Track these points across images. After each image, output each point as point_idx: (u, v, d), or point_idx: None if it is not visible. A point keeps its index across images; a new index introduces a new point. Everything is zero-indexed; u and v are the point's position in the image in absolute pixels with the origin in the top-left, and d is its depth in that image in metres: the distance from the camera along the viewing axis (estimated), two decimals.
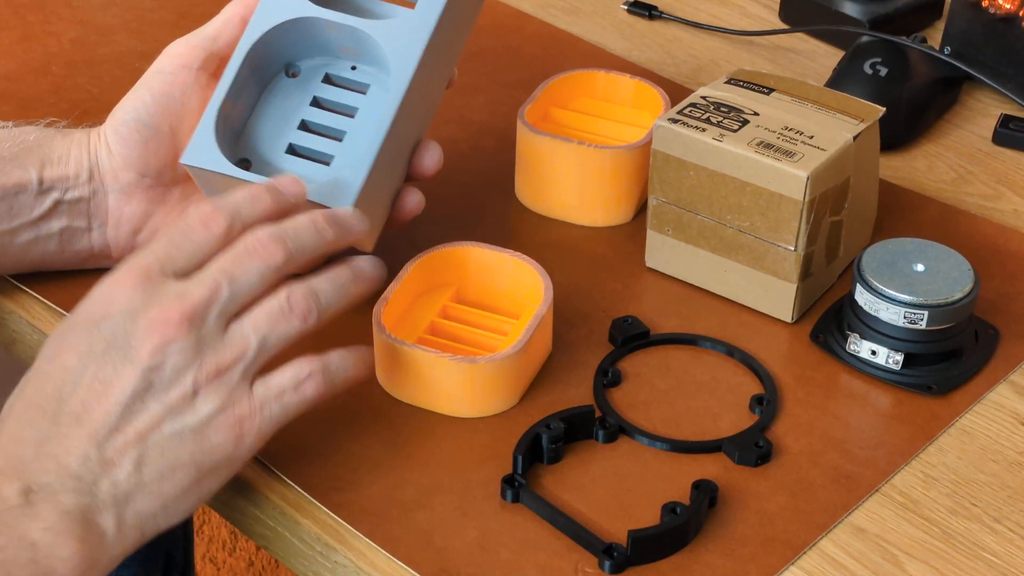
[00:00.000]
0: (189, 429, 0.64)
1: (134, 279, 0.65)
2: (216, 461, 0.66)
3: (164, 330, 0.64)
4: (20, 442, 0.63)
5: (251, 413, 0.66)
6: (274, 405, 0.67)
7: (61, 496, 0.62)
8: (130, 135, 0.78)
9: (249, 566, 1.76)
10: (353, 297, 0.70)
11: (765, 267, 0.81)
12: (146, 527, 0.65)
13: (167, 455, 0.64)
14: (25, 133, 0.80)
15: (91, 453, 0.63)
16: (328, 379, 0.68)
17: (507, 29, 1.09)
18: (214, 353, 0.65)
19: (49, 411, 0.64)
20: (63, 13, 1.09)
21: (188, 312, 0.65)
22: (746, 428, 0.75)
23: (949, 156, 0.98)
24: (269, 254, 0.67)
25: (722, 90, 0.84)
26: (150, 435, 0.64)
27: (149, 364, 0.64)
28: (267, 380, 0.67)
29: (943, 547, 0.70)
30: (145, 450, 0.64)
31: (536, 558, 0.68)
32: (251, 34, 0.77)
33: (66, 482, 0.62)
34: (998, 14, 1.01)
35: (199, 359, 0.65)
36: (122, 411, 0.64)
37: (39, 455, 0.63)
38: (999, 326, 0.82)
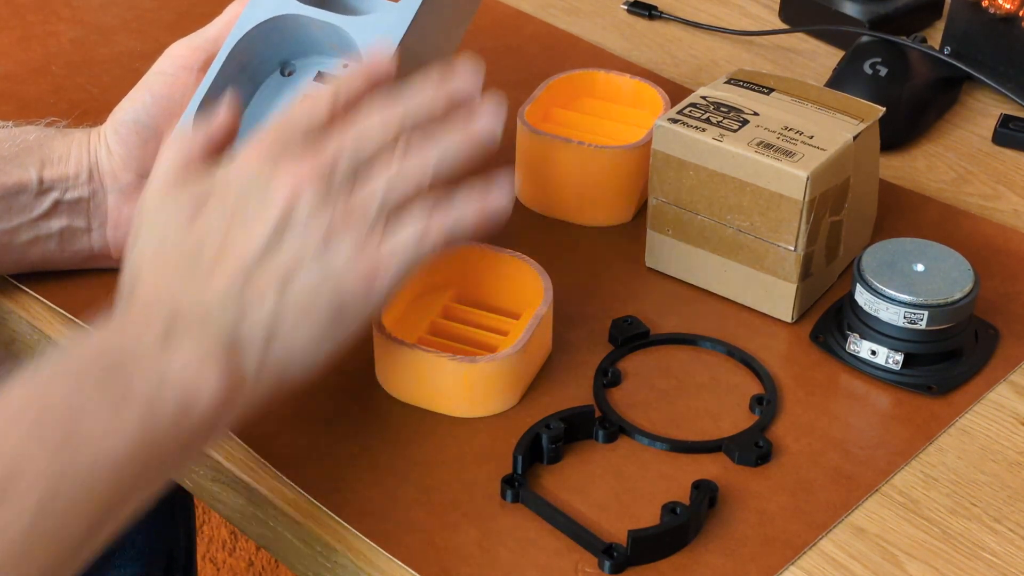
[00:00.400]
0: (324, 272, 0.66)
1: (261, 149, 0.67)
2: (350, 307, 0.66)
3: (298, 178, 0.66)
4: (163, 284, 0.65)
5: (381, 263, 0.67)
6: (401, 256, 0.67)
7: (203, 334, 0.64)
8: (129, 136, 0.78)
9: (249, 566, 1.76)
10: (467, 157, 0.70)
11: (765, 267, 0.81)
12: (285, 370, 0.66)
13: (305, 296, 0.65)
14: (25, 133, 0.80)
15: (232, 292, 0.65)
16: (451, 229, 0.69)
17: (507, 29, 1.09)
18: (344, 203, 0.66)
19: (190, 259, 0.65)
20: (63, 13, 1.09)
21: (319, 163, 0.66)
22: (746, 428, 0.75)
23: (949, 156, 0.98)
24: (386, 123, 0.69)
25: (722, 90, 0.84)
26: (289, 277, 0.65)
27: (283, 210, 0.65)
28: (392, 233, 0.68)
29: (943, 547, 0.70)
30: (284, 290, 0.65)
31: (536, 558, 0.68)
32: (236, 33, 0.77)
33: (208, 320, 0.64)
34: (998, 14, 1.01)
35: (332, 205, 0.66)
36: (261, 252, 0.65)
37: (183, 292, 0.65)
38: (999, 326, 0.82)
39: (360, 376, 0.77)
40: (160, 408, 0.61)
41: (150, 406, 0.61)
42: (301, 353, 0.66)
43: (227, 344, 0.64)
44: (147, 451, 0.61)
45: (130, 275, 0.67)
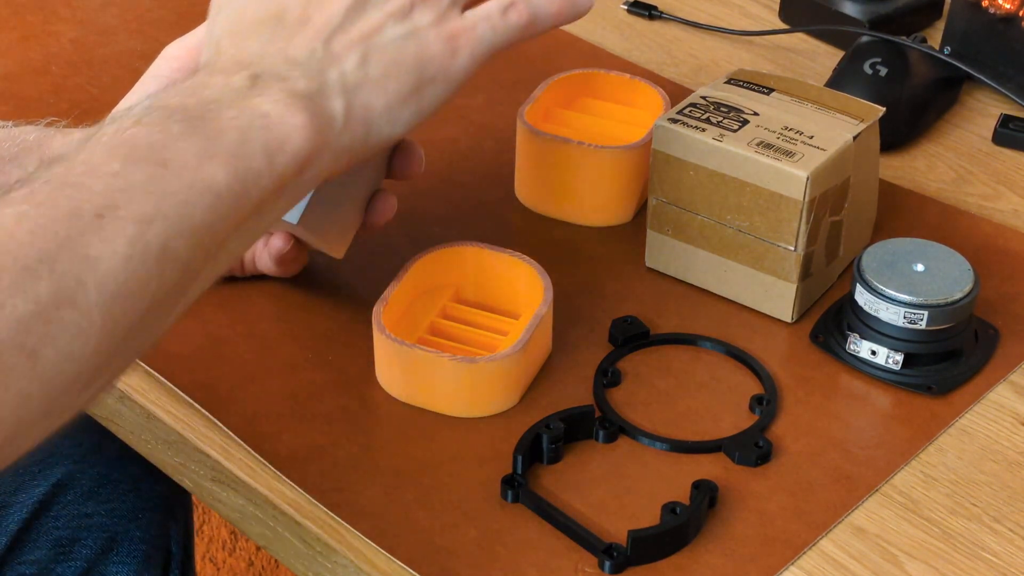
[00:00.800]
0: (409, 33, 0.67)
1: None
2: (434, 70, 0.68)
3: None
4: (246, 45, 0.66)
5: (464, 29, 0.68)
6: (484, 26, 0.69)
7: (290, 79, 0.64)
8: None
9: (249, 566, 1.76)
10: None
11: (765, 267, 0.81)
12: (372, 125, 0.67)
13: (390, 54, 0.67)
14: (25, 133, 0.80)
15: (317, 48, 0.66)
16: (532, 11, 0.70)
17: None
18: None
19: (273, 22, 0.67)
20: (63, 13, 1.09)
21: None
22: (746, 428, 0.75)
23: (949, 156, 0.98)
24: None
25: (722, 90, 0.84)
26: (373, 36, 0.67)
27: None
28: (476, 7, 0.69)
29: (943, 547, 0.70)
30: (369, 48, 0.67)
31: (536, 558, 0.68)
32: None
33: (294, 69, 0.65)
34: (998, 14, 1.01)
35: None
36: (344, 14, 0.67)
37: (265, 51, 0.66)
38: (999, 326, 0.82)
39: (360, 376, 0.77)
40: (250, 146, 0.61)
41: (242, 137, 0.61)
42: (388, 109, 0.67)
43: (314, 89, 0.65)
44: (240, 187, 0.60)
45: (212, 39, 0.68)
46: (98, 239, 0.55)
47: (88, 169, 0.57)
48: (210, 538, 1.78)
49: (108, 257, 0.55)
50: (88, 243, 0.55)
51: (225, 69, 0.65)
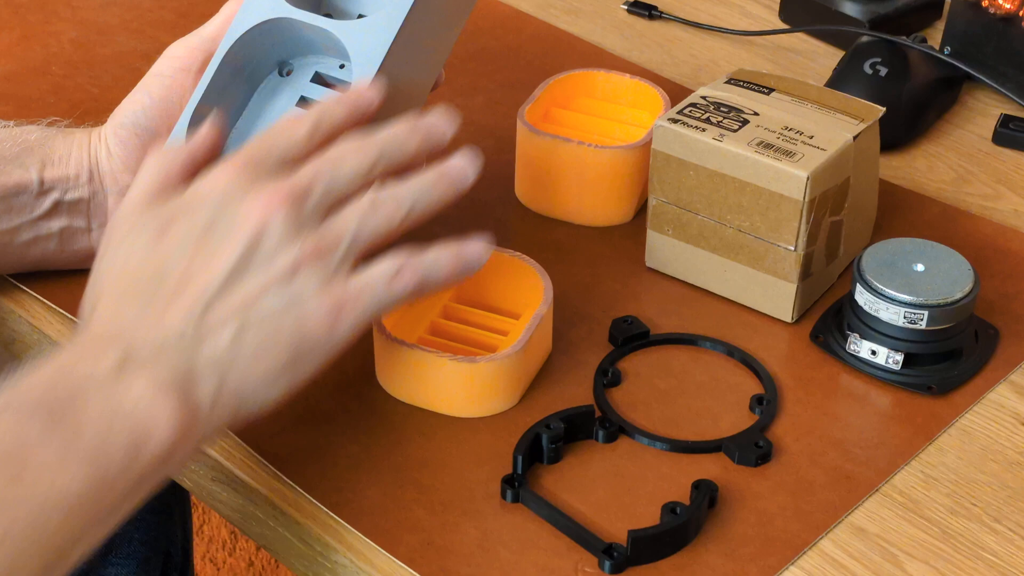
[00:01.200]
0: (288, 304, 0.64)
1: (234, 168, 0.66)
2: (312, 343, 0.65)
3: (267, 206, 0.65)
4: (120, 313, 0.64)
5: (348, 299, 0.66)
6: (368, 295, 0.66)
7: (158, 364, 0.62)
8: (129, 138, 0.78)
9: (249, 566, 1.76)
10: (440, 197, 0.70)
11: (765, 267, 0.81)
12: (242, 401, 0.64)
13: (267, 329, 0.64)
14: (26, 133, 0.80)
15: (192, 319, 0.63)
16: (420, 278, 0.68)
17: (507, 29, 1.09)
18: (313, 234, 0.65)
19: (151, 284, 0.64)
20: (63, 13, 1.09)
21: (290, 193, 0.65)
22: (746, 428, 0.75)
23: (949, 156, 0.98)
24: (360, 157, 0.68)
25: (722, 90, 0.84)
26: (251, 306, 0.64)
27: (251, 237, 0.64)
28: (362, 271, 0.67)
29: (943, 547, 0.70)
30: (245, 321, 0.64)
31: (536, 558, 0.68)
32: (229, 37, 0.77)
33: (164, 350, 0.63)
34: (998, 14, 1.01)
35: (299, 238, 0.65)
36: (224, 281, 0.64)
37: (139, 322, 0.63)
38: (999, 326, 0.82)
39: (360, 376, 0.77)
40: (112, 444, 0.60)
41: (102, 442, 0.60)
42: (258, 387, 0.65)
43: (183, 376, 0.62)
44: (98, 489, 0.59)
45: (92, 295, 0.66)
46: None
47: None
48: (210, 538, 1.78)
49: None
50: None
51: (99, 341, 0.63)
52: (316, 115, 0.69)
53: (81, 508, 0.59)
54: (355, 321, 0.66)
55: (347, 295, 0.65)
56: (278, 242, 0.65)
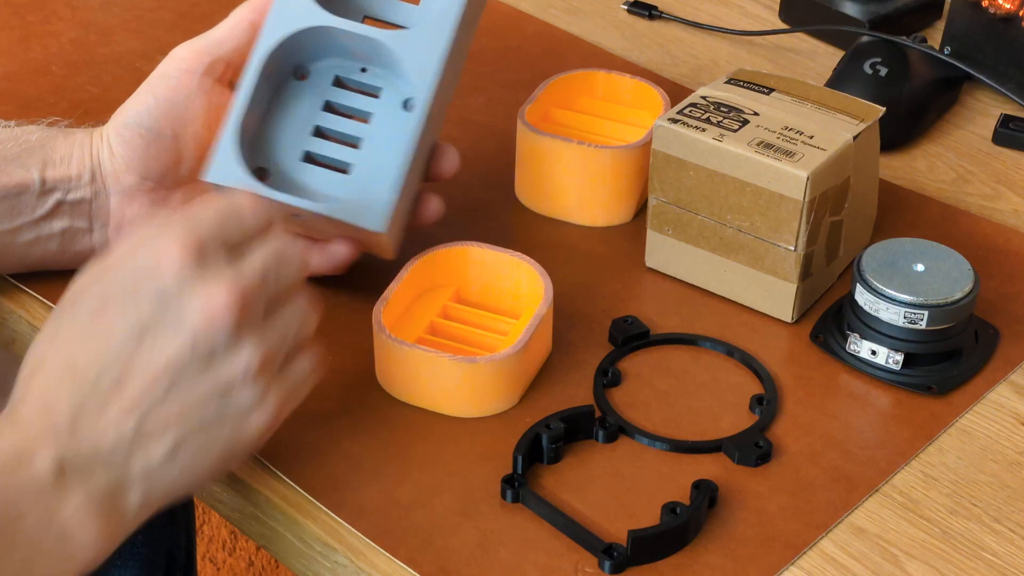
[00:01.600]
0: (228, 416, 0.64)
1: (187, 250, 0.63)
2: (245, 446, 0.66)
3: (219, 310, 0.62)
4: (56, 407, 0.62)
5: (282, 403, 0.66)
6: (295, 395, 0.68)
7: (94, 473, 0.62)
8: (133, 138, 0.78)
9: (249, 566, 1.76)
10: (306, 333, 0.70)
11: (765, 267, 0.81)
12: (162, 501, 0.65)
13: (202, 439, 0.64)
14: (27, 133, 0.80)
15: (130, 426, 0.62)
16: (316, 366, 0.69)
17: (507, 29, 1.09)
18: (261, 341, 0.64)
19: (90, 377, 0.62)
20: (63, 13, 1.09)
21: (242, 295, 0.63)
22: (746, 428, 0.75)
23: (949, 156, 0.98)
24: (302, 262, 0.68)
25: (722, 90, 0.84)
26: (190, 417, 0.63)
27: (196, 338, 0.62)
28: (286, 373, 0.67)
29: (943, 547, 0.70)
30: (183, 431, 0.63)
31: (536, 558, 0.68)
32: (266, 44, 0.77)
33: (99, 458, 0.62)
34: (998, 14, 1.01)
35: (250, 345, 0.64)
36: (168, 386, 0.62)
37: (76, 427, 0.62)
38: (999, 326, 0.82)
39: (360, 376, 0.77)
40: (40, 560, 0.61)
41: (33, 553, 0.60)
42: (184, 487, 0.66)
43: (115, 488, 0.63)
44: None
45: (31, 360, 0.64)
46: None
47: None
48: (210, 538, 1.78)
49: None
50: None
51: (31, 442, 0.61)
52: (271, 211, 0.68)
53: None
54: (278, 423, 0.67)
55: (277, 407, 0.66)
56: (223, 347, 0.63)
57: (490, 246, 0.80)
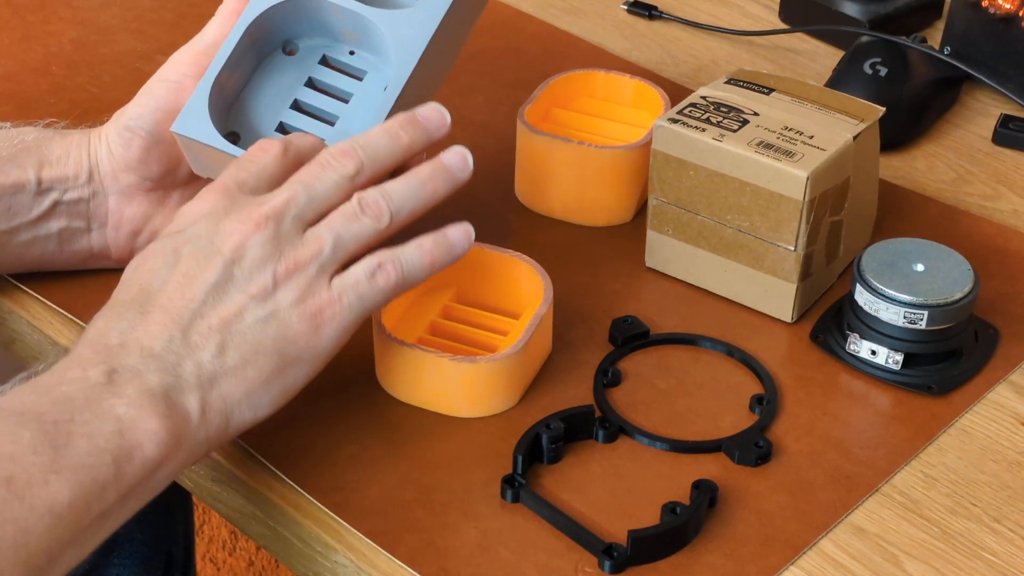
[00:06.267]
0: (270, 316, 0.67)
1: (213, 195, 0.69)
2: (298, 350, 0.67)
3: (244, 228, 0.67)
4: (107, 334, 0.66)
5: (329, 303, 0.68)
6: (351, 295, 0.68)
7: (145, 375, 0.64)
8: (133, 140, 0.78)
9: (249, 566, 1.76)
10: (432, 195, 0.71)
11: (765, 267, 0.81)
12: (232, 414, 0.66)
13: (250, 340, 0.66)
14: (23, 134, 0.80)
15: (175, 337, 0.65)
16: (402, 269, 0.70)
17: (507, 29, 1.09)
18: (292, 249, 0.68)
19: (135, 306, 0.66)
20: (63, 13, 1.09)
21: (267, 212, 0.68)
22: (746, 428, 0.75)
23: (949, 156, 0.98)
24: (342, 165, 0.70)
25: (722, 90, 0.84)
26: (233, 322, 0.66)
27: (230, 257, 0.67)
28: (343, 274, 0.69)
29: (943, 547, 0.70)
30: (228, 335, 0.66)
31: (536, 558, 0.68)
32: (255, 7, 0.77)
33: (150, 363, 0.64)
34: (998, 14, 1.01)
35: (278, 253, 0.67)
36: (204, 299, 0.66)
37: (124, 341, 0.65)
38: (999, 326, 0.82)
39: (360, 376, 0.77)
40: (101, 449, 0.61)
41: (91, 447, 0.61)
42: (247, 396, 0.66)
43: (169, 384, 0.64)
44: (86, 499, 0.60)
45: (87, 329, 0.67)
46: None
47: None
48: (210, 538, 1.78)
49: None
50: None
51: (84, 358, 0.64)
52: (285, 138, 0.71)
53: (64, 522, 0.60)
54: (338, 325, 0.68)
55: (327, 301, 0.67)
56: (256, 262, 0.67)
57: (490, 246, 0.80)
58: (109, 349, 0.65)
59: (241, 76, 0.78)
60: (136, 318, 0.66)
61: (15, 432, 0.60)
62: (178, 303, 0.66)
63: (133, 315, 0.66)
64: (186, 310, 0.66)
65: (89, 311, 0.70)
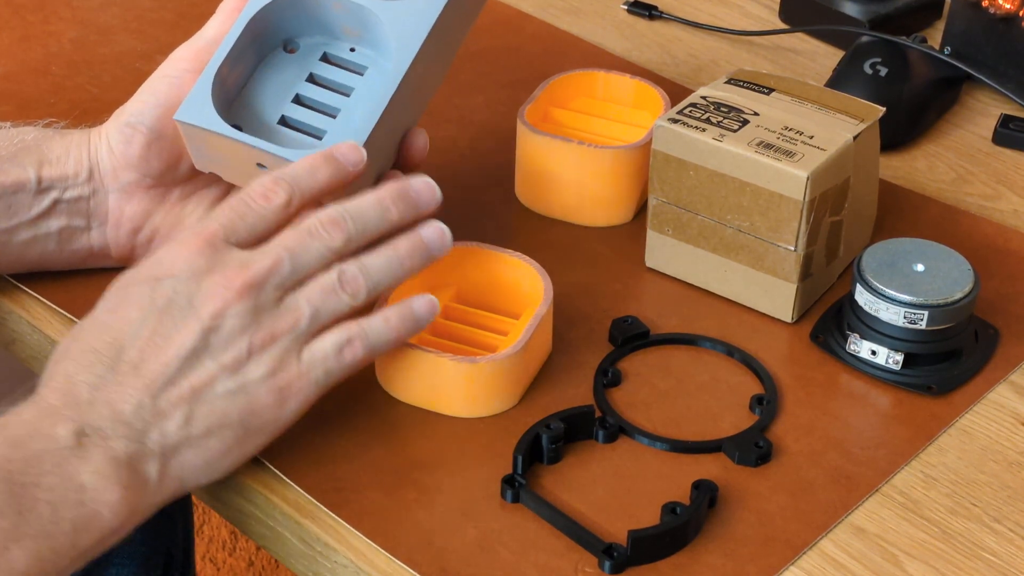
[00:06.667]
0: (240, 389, 0.67)
1: (199, 244, 0.68)
2: (261, 422, 0.68)
3: (225, 294, 0.67)
4: (77, 384, 0.65)
5: (297, 377, 0.68)
6: (318, 369, 0.69)
7: (112, 441, 0.64)
8: (134, 136, 0.78)
9: (249, 566, 1.76)
10: (408, 272, 0.72)
11: (765, 267, 0.81)
12: (187, 479, 0.67)
13: (216, 412, 0.67)
14: (23, 133, 0.80)
15: (145, 402, 0.65)
16: (369, 345, 0.70)
17: (507, 29, 1.09)
18: (270, 321, 0.68)
19: (107, 358, 0.66)
20: (63, 13, 1.09)
21: (249, 280, 0.67)
22: (746, 428, 0.75)
23: (949, 156, 0.98)
24: (330, 237, 0.70)
25: (722, 90, 0.84)
26: (203, 391, 0.66)
27: (208, 325, 0.67)
28: (312, 346, 0.69)
29: (943, 547, 0.70)
30: (196, 405, 0.66)
31: (536, 558, 0.68)
32: (255, 3, 0.78)
33: (118, 428, 0.65)
34: (998, 14, 1.01)
35: (255, 325, 0.67)
36: (179, 366, 0.66)
37: (95, 399, 0.65)
38: (999, 326, 0.82)
39: (360, 376, 0.77)
40: (62, 518, 0.62)
41: (53, 515, 0.62)
42: (206, 465, 0.67)
43: (133, 452, 0.65)
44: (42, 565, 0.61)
45: (58, 350, 0.68)
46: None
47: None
48: (210, 538, 1.78)
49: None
50: None
51: (54, 409, 0.64)
52: (292, 180, 0.71)
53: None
54: (304, 397, 0.69)
55: (295, 375, 0.68)
56: (233, 332, 0.67)
57: (490, 246, 0.80)
58: (79, 405, 0.65)
59: (242, 72, 0.79)
60: (107, 375, 0.66)
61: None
62: (151, 366, 0.66)
63: (103, 370, 0.66)
64: (159, 376, 0.66)
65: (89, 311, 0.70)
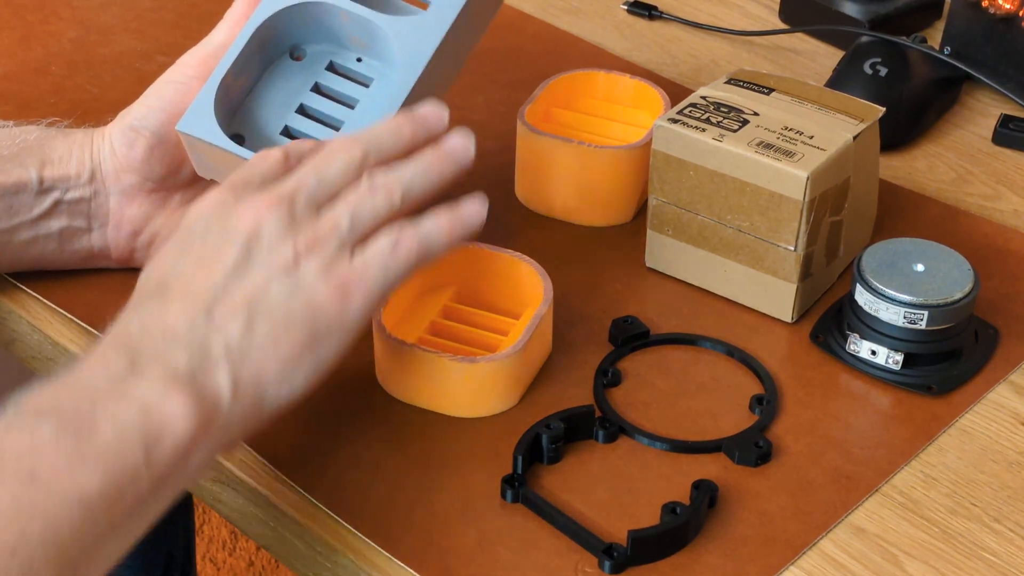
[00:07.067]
0: (296, 288, 0.65)
1: (220, 191, 0.67)
2: (327, 322, 0.65)
3: (257, 211, 0.66)
4: (127, 324, 0.64)
5: (353, 275, 0.66)
6: (374, 267, 0.66)
7: (169, 356, 0.62)
8: (137, 140, 0.78)
9: (249, 566, 1.76)
10: (439, 177, 0.70)
11: (765, 267, 0.81)
12: (264, 393, 0.64)
13: (278, 314, 0.64)
14: (26, 132, 0.80)
15: (199, 319, 0.63)
16: (420, 239, 0.68)
17: (507, 29, 1.09)
18: (309, 226, 0.66)
19: (154, 295, 0.64)
20: (63, 13, 1.09)
21: (279, 195, 0.66)
22: (746, 428, 0.75)
23: (949, 156, 0.98)
24: (348, 152, 0.69)
25: (722, 90, 0.84)
26: (258, 298, 0.64)
27: (247, 237, 0.65)
28: (364, 247, 0.67)
29: (943, 547, 0.70)
30: (255, 310, 0.64)
31: (536, 558, 0.68)
32: (263, 10, 0.77)
33: (173, 343, 0.62)
34: (998, 14, 1.01)
35: (294, 231, 0.66)
36: (227, 282, 0.64)
37: (146, 328, 0.63)
38: (999, 326, 0.82)
39: (360, 376, 0.77)
40: (127, 442, 0.59)
41: (116, 440, 0.58)
42: (278, 374, 0.64)
43: (196, 364, 0.62)
44: (116, 489, 0.58)
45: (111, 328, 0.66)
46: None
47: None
48: (210, 538, 1.78)
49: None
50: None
51: (104, 352, 0.62)
52: (291, 146, 0.70)
53: (96, 511, 0.57)
54: (366, 297, 0.66)
55: (352, 274, 0.66)
56: (274, 239, 0.65)
57: (490, 246, 0.80)
58: (130, 338, 0.63)
59: (248, 80, 0.78)
60: (155, 307, 0.64)
61: (35, 426, 0.58)
62: (198, 286, 0.64)
63: (152, 305, 0.64)
64: (207, 292, 0.64)
65: (89, 311, 0.70)
